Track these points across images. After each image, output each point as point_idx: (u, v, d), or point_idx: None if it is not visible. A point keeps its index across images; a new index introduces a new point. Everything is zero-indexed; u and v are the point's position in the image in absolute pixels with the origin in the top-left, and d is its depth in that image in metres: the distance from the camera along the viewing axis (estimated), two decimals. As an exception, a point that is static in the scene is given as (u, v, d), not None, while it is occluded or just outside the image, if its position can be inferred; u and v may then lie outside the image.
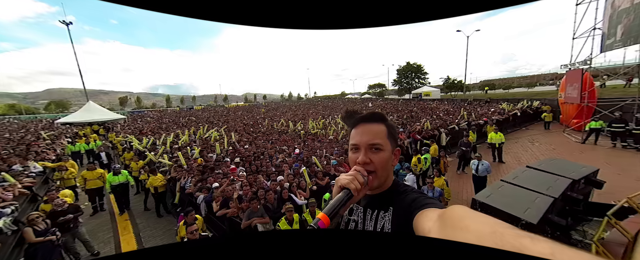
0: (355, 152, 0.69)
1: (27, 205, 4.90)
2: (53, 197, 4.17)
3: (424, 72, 38.07)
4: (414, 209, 0.59)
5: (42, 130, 13.52)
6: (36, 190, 5.57)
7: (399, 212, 0.67)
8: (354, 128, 0.72)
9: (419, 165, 5.74)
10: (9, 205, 4.31)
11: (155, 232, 4.85)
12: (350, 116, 0.75)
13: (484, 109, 14.47)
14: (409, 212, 0.61)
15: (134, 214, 5.66)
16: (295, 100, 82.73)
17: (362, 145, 0.68)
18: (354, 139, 0.70)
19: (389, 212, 0.69)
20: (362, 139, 0.68)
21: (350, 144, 0.71)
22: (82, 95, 24.90)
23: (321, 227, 0.48)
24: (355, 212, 0.77)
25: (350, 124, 0.75)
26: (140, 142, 8.88)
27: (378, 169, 0.67)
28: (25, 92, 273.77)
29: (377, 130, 0.69)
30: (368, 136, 0.68)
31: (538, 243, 0.26)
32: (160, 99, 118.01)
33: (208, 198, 4.37)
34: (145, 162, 6.78)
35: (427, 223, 0.49)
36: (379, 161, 0.67)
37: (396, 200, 0.69)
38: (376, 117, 0.72)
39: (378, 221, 0.70)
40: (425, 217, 0.53)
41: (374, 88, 57.73)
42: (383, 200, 0.72)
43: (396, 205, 0.68)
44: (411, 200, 0.64)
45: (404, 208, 0.64)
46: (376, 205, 0.72)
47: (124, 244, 4.50)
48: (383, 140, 0.69)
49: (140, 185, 6.53)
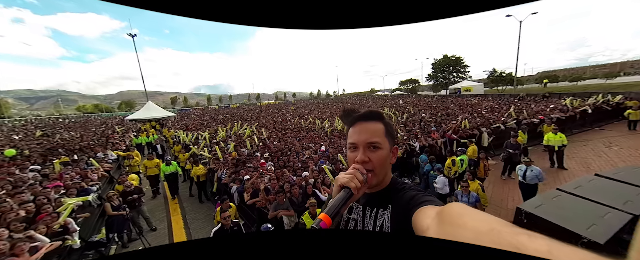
0: (354, 151, 0.70)
1: (106, 185, 6.09)
2: (123, 180, 5.11)
3: (464, 65, 34.19)
4: (412, 206, 0.59)
5: (116, 126, 16.53)
6: (112, 173, 6.87)
7: (397, 209, 0.67)
8: (351, 127, 0.73)
9: (453, 168, 5.25)
10: (95, 184, 5.42)
11: (197, 215, 5.54)
12: (347, 115, 0.75)
13: (540, 106, 12.39)
14: (407, 209, 0.61)
15: (182, 198, 6.54)
16: (323, 98, 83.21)
17: (360, 143, 0.68)
18: (352, 138, 0.71)
19: (387, 209, 0.69)
20: (360, 138, 0.69)
21: (349, 143, 0.72)
22: (143, 96, 29.42)
23: (323, 228, 0.48)
24: (355, 211, 0.77)
25: (348, 122, 0.75)
26: (186, 137, 10.16)
27: (376, 167, 0.67)
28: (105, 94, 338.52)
29: (374, 129, 0.70)
30: (366, 135, 0.69)
31: (535, 240, 0.27)
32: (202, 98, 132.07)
33: (240, 189, 4.79)
34: (189, 154, 7.75)
35: (426, 220, 0.49)
36: (377, 159, 0.67)
37: (395, 197, 0.69)
38: (374, 116, 0.72)
39: (377, 219, 0.70)
40: (424, 215, 0.53)
41: (405, 84, 54.38)
42: (382, 198, 0.72)
43: (395, 203, 0.68)
44: (410, 197, 0.64)
45: (402, 205, 0.64)
46: (375, 203, 0.73)
47: (174, 223, 5.26)
48: (381, 139, 0.69)
49: (186, 174, 7.49)
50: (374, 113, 0.73)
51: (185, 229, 4.96)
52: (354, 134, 0.71)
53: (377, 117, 0.72)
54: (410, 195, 0.65)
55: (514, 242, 0.27)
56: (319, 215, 0.50)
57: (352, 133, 0.71)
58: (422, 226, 0.50)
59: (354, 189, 0.58)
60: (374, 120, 0.71)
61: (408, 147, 6.75)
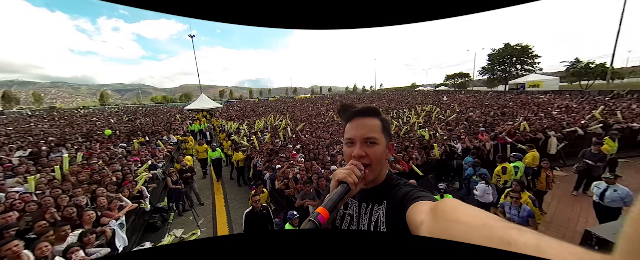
0: (351, 146, 0.70)
1: (168, 163, 7.33)
2: (181, 160, 6.06)
3: (532, 56, 28.23)
4: (406, 202, 0.60)
5: (177, 114, 19.56)
6: (173, 154, 8.21)
7: (392, 205, 0.67)
8: (348, 122, 0.74)
9: (503, 177, 4.52)
10: (161, 161, 6.58)
11: (236, 196, 6.22)
12: (345, 110, 0.76)
13: (645, 106, 9.53)
14: (402, 205, 0.61)
15: (224, 181, 7.41)
16: (359, 92, 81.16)
17: (358, 139, 0.69)
18: (349, 133, 0.72)
19: (383, 205, 0.69)
20: (357, 133, 0.69)
21: (345, 138, 0.73)
22: (198, 89, 33.81)
23: (321, 221, 0.48)
24: (351, 206, 0.78)
25: (345, 118, 0.76)
26: (229, 126, 11.35)
27: (373, 161, 0.68)
28: (170, 87, 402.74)
29: (371, 124, 0.70)
30: (363, 130, 0.69)
31: (525, 234, 0.28)
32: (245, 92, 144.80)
33: (272, 176, 5.16)
34: (232, 142, 8.65)
35: (420, 215, 0.50)
36: (374, 154, 0.68)
37: (390, 193, 0.70)
38: (371, 112, 0.73)
39: (372, 214, 0.71)
40: (418, 210, 0.53)
41: (452, 78, 48.46)
42: (377, 194, 0.72)
43: (390, 199, 0.68)
44: (404, 193, 0.64)
45: (397, 201, 0.65)
46: (370, 198, 0.73)
47: (217, 201, 6.03)
48: (378, 134, 0.70)
49: (228, 159, 8.43)
50: (371, 109, 0.73)
51: (225, 207, 5.65)
52: (351, 129, 0.72)
53: (374, 113, 0.73)
54: (405, 191, 0.65)
55: (505, 236, 0.28)
56: (316, 208, 0.51)
57: (350, 128, 0.72)
58: (416, 221, 0.50)
59: (351, 184, 0.59)
60: (371, 116, 0.72)
61: (448, 148, 6.11)
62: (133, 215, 4.05)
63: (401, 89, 68.88)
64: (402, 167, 4.95)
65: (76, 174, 4.91)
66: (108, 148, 7.42)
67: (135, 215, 4.14)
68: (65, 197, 3.72)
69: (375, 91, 72.74)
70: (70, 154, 6.22)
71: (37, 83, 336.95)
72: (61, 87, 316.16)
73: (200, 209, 5.63)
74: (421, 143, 6.50)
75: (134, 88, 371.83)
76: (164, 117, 18.79)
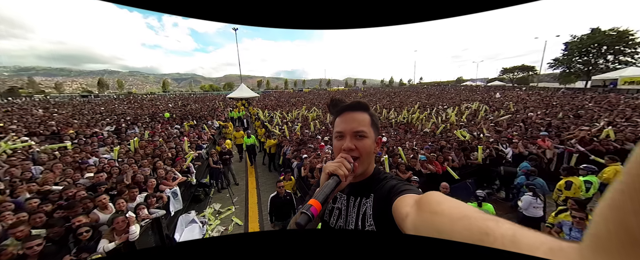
0: (340, 140, 0.72)
1: (210, 145, 8.28)
2: (221, 143, 6.78)
3: (634, 43, 21.93)
4: (393, 195, 0.62)
5: (220, 102, 21.70)
6: (215, 137, 9.21)
7: (379, 198, 0.69)
8: (338, 116, 0.76)
9: (565, 192, 3.74)
10: (205, 143, 7.47)
11: (266, 181, 6.71)
12: (335, 105, 0.78)
13: None
14: (388, 198, 0.63)
15: (257, 165, 8.05)
16: (396, 86, 76.56)
17: (347, 132, 0.71)
18: (338, 127, 0.74)
19: (370, 198, 0.72)
20: (347, 127, 0.71)
21: (335, 132, 0.74)
22: (239, 79, 36.63)
23: (314, 213, 0.49)
24: (339, 200, 0.80)
25: (334, 112, 0.78)
26: (264, 115, 12.09)
27: (362, 154, 0.70)
28: (216, 77, 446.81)
29: (361, 119, 0.73)
30: (353, 124, 0.71)
31: (502, 225, 0.29)
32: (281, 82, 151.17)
33: (299, 165, 5.38)
34: (265, 130, 9.24)
35: (405, 208, 0.51)
36: (363, 147, 0.70)
37: (377, 187, 0.72)
38: (360, 106, 0.75)
39: (360, 208, 0.73)
40: (404, 203, 0.55)
41: (511, 72, 41.36)
42: (365, 187, 0.75)
43: (377, 192, 0.71)
44: (391, 186, 0.67)
45: (383, 194, 0.67)
46: (358, 192, 0.75)
47: (250, 183, 6.62)
48: (367, 128, 0.72)
49: (261, 146, 9.07)
50: (361, 104, 0.76)
51: (256, 189, 6.17)
52: (341, 123, 0.74)
53: (363, 108, 0.75)
54: (392, 184, 0.68)
55: (483, 227, 0.30)
56: (308, 201, 0.52)
57: (339, 122, 0.74)
58: (402, 214, 0.52)
59: (342, 177, 0.60)
60: (360, 110, 0.74)
61: (494, 152, 5.38)
62: (183, 186, 4.76)
63: (444, 84, 62.31)
64: (434, 168, 4.59)
65: (144, 148, 5.98)
66: (166, 129, 8.77)
67: (185, 187, 4.86)
68: (135, 166, 4.59)
69: (414, 85, 67.35)
70: (140, 132, 7.59)
71: (120, 72, 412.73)
72: (136, 76, 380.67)
73: (236, 188, 6.27)
74: (460, 144, 5.86)
75: (187, 77, 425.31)
76: (209, 104, 21.09)
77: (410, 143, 6.19)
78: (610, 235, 0.19)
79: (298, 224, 0.47)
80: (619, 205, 0.19)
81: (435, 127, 8.38)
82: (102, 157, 5.50)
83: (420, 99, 21.01)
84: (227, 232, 4.33)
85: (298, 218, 0.48)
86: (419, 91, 34.29)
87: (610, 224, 0.19)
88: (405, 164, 4.65)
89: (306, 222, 0.47)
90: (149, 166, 4.68)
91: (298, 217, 0.49)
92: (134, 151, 5.88)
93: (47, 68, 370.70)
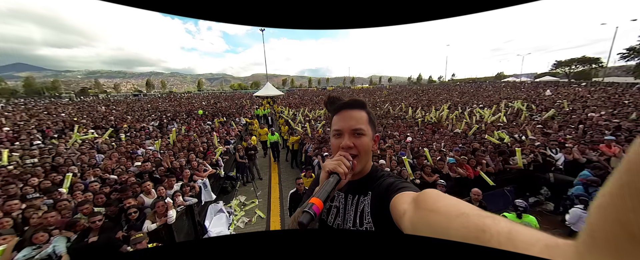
0: (338, 138, 0.72)
1: (237, 140, 8.81)
2: (247, 139, 7.17)
3: None
4: (390, 193, 0.62)
5: (248, 100, 22.93)
6: (242, 133, 9.77)
7: (377, 195, 0.69)
8: (335, 114, 0.76)
9: None
10: (232, 138, 7.97)
11: (288, 177, 6.91)
12: (332, 103, 0.78)
13: None
14: (386, 195, 0.63)
15: (280, 162, 8.34)
16: (424, 83, 72.20)
17: (345, 130, 0.71)
18: (336, 125, 0.74)
19: (368, 196, 0.72)
20: (345, 125, 0.71)
21: (333, 130, 0.74)
22: (265, 78, 38.18)
23: (316, 212, 0.49)
24: (337, 199, 0.80)
25: (332, 110, 0.78)
26: (287, 113, 12.43)
27: (361, 152, 0.70)
28: (244, 76, 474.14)
29: (358, 116, 0.72)
30: (351, 122, 0.71)
31: (499, 223, 0.29)
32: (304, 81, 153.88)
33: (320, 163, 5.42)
34: (288, 127, 9.49)
35: (402, 205, 0.51)
36: (361, 145, 0.70)
37: (374, 184, 0.72)
38: (358, 104, 0.75)
39: (358, 206, 0.73)
40: (401, 200, 0.55)
41: (567, 65, 35.73)
42: (362, 185, 0.75)
43: (374, 190, 0.71)
44: (388, 184, 0.67)
45: (381, 192, 0.67)
46: (356, 190, 0.76)
47: (273, 178, 6.89)
48: (365, 126, 0.72)
49: (284, 143, 9.36)
50: (358, 102, 0.76)
51: (278, 185, 6.40)
52: (339, 121, 0.74)
53: (360, 106, 0.75)
54: (389, 182, 0.68)
55: (480, 224, 0.30)
56: (309, 200, 0.51)
57: (337, 120, 0.74)
58: (399, 211, 0.52)
59: (342, 174, 0.60)
60: (357, 108, 0.74)
61: (540, 157, 4.74)
62: (212, 178, 5.17)
63: (480, 80, 56.64)
64: (465, 172, 4.22)
65: (180, 141, 6.63)
66: (199, 125, 9.59)
67: (214, 178, 5.26)
68: (172, 157, 5.11)
69: (445, 82, 62.53)
70: (178, 127, 8.43)
71: (163, 73, 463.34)
72: (176, 76, 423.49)
73: (259, 183, 6.59)
74: (497, 147, 5.28)
75: (219, 77, 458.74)
76: (237, 102, 22.44)
77: (438, 144, 5.79)
78: (606, 232, 0.19)
79: (301, 223, 0.46)
80: (615, 202, 0.19)
81: (467, 127, 7.69)
82: (147, 148, 6.25)
83: (451, 97, 19.46)
84: (251, 223, 4.58)
85: (300, 217, 0.48)
86: (451, 89, 31.80)
87: (606, 220, 0.19)
88: (431, 166, 4.37)
89: (309, 221, 0.47)
90: (184, 158, 5.18)
91: (300, 216, 0.48)
92: (172, 144, 6.56)
93: (109, 71, 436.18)
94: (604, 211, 0.19)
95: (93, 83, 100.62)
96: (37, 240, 2.48)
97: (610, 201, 0.19)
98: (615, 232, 0.18)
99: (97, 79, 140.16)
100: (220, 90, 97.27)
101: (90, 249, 2.59)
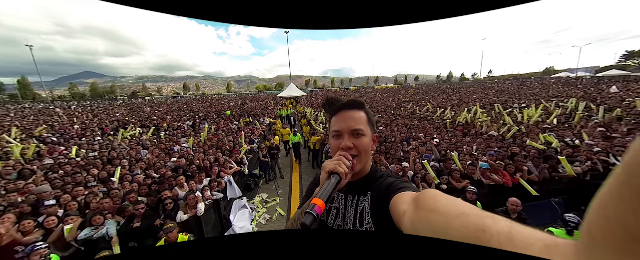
0: (338, 139, 0.73)
1: (261, 140, 9.19)
2: (270, 139, 7.44)
3: None
4: (390, 193, 0.62)
5: (272, 101, 23.85)
6: (265, 133, 10.17)
7: (376, 195, 0.69)
8: (334, 115, 0.76)
9: None
10: (256, 138, 8.34)
11: (309, 177, 6.98)
12: (331, 104, 0.78)
13: None
14: (385, 195, 0.63)
15: (302, 161, 8.48)
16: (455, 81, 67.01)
17: (345, 131, 0.71)
18: (336, 126, 0.74)
19: (367, 196, 0.72)
20: (344, 125, 0.72)
21: (332, 131, 0.75)
22: (289, 79, 39.27)
23: (318, 212, 0.48)
24: (337, 199, 0.80)
25: (330, 111, 0.78)
26: (309, 113, 12.59)
27: (361, 152, 0.71)
28: (269, 78, 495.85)
29: (357, 117, 0.73)
30: (350, 122, 0.71)
31: (499, 222, 0.29)
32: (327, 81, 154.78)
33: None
34: (310, 127, 9.60)
35: (402, 205, 0.51)
36: (361, 145, 0.70)
37: (374, 185, 0.72)
38: (356, 105, 0.75)
39: (358, 206, 0.73)
40: (401, 200, 0.55)
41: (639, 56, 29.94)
42: (362, 186, 0.75)
43: (374, 190, 0.71)
44: (388, 184, 0.67)
45: (381, 192, 0.67)
46: (356, 190, 0.75)
47: (294, 178, 7.04)
48: (364, 126, 0.72)
49: (306, 143, 9.49)
50: (357, 102, 0.76)
51: (299, 184, 6.52)
52: (338, 121, 0.74)
53: (359, 106, 0.75)
54: (389, 182, 0.68)
55: (480, 224, 0.30)
56: (310, 200, 0.51)
57: (336, 121, 0.74)
58: (399, 211, 0.52)
59: (342, 175, 0.60)
60: (356, 108, 0.74)
61: (600, 165, 4.03)
62: (237, 175, 5.47)
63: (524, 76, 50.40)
64: (500, 179, 3.77)
65: (210, 140, 7.17)
66: (227, 124, 10.25)
67: (238, 175, 5.57)
68: (202, 155, 5.54)
69: (479, 79, 57.00)
70: (208, 126, 9.13)
71: (197, 77, 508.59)
72: (208, 79, 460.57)
73: (281, 181, 6.78)
74: (541, 152, 4.63)
75: (245, 79, 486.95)
76: (262, 102, 23.48)
77: (469, 147, 5.29)
78: (605, 232, 0.19)
79: (303, 224, 0.46)
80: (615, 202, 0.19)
81: (507, 130, 6.89)
82: (182, 145, 6.89)
83: (486, 96, 17.69)
84: (272, 220, 4.74)
85: (302, 218, 0.48)
86: (486, 87, 28.95)
87: (606, 220, 0.19)
88: (460, 170, 4.02)
89: (311, 222, 0.47)
90: (212, 155, 5.59)
91: (302, 217, 0.49)
92: (203, 142, 7.13)
93: (154, 76, 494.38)
94: (603, 211, 0.19)
95: (141, 87, 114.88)
96: (95, 222, 2.90)
97: (609, 201, 0.19)
98: (615, 231, 0.18)
99: (144, 83, 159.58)
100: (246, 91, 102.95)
101: (134, 232, 2.94)
